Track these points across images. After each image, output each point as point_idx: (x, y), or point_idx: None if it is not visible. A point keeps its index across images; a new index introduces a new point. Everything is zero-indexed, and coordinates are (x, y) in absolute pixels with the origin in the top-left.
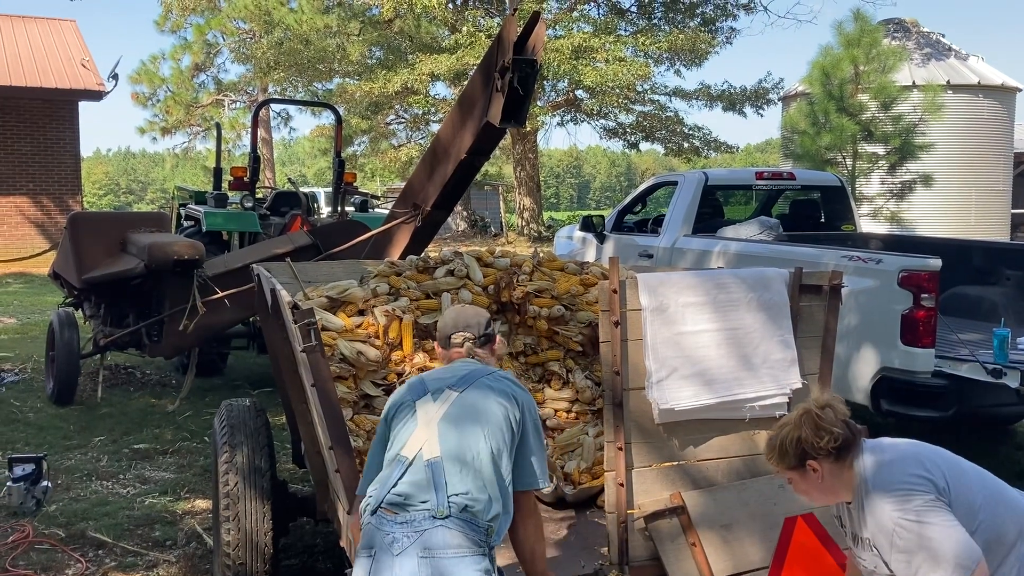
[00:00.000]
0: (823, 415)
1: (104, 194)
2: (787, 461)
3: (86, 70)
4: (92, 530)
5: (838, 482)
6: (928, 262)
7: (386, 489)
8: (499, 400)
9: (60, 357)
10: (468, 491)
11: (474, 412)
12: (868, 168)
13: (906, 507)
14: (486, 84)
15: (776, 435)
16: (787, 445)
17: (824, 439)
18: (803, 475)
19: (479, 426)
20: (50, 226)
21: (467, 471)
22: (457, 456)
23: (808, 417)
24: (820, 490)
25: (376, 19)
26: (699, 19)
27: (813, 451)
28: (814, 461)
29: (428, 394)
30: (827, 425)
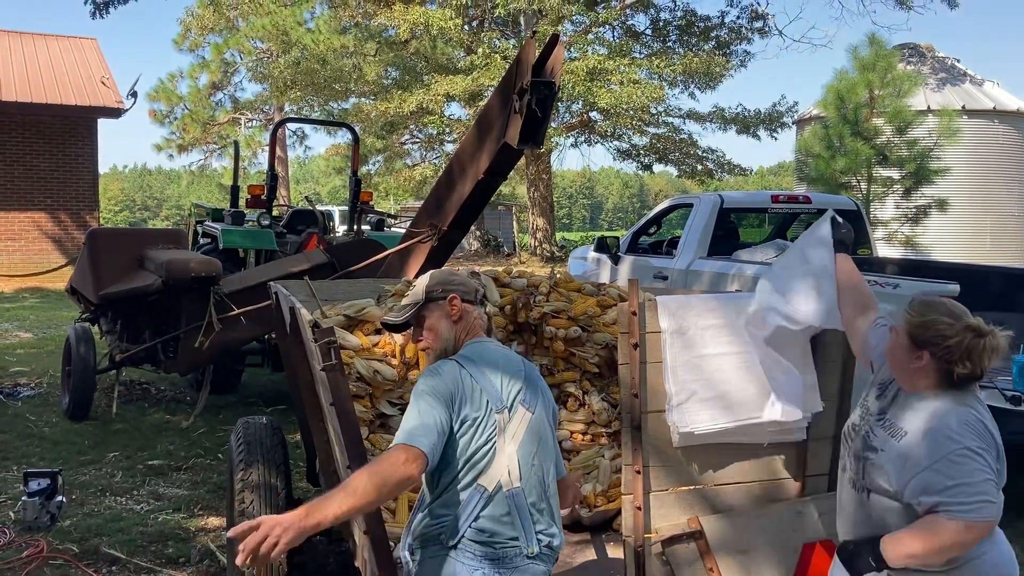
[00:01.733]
0: (992, 350)
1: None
2: (916, 331)
3: (105, 88)
4: (106, 546)
5: (920, 375)
6: (946, 287)
7: (464, 522)
8: (551, 410)
9: (76, 372)
10: (549, 526)
11: (545, 437)
12: (883, 192)
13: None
14: (504, 106)
15: (937, 310)
16: (936, 328)
17: (959, 365)
18: (908, 349)
19: (551, 454)
20: (67, 241)
21: (544, 504)
22: (537, 489)
23: (982, 338)
24: (899, 363)
25: (392, 40)
26: (714, 42)
27: (941, 356)
28: (931, 357)
29: (505, 409)
30: (986, 359)
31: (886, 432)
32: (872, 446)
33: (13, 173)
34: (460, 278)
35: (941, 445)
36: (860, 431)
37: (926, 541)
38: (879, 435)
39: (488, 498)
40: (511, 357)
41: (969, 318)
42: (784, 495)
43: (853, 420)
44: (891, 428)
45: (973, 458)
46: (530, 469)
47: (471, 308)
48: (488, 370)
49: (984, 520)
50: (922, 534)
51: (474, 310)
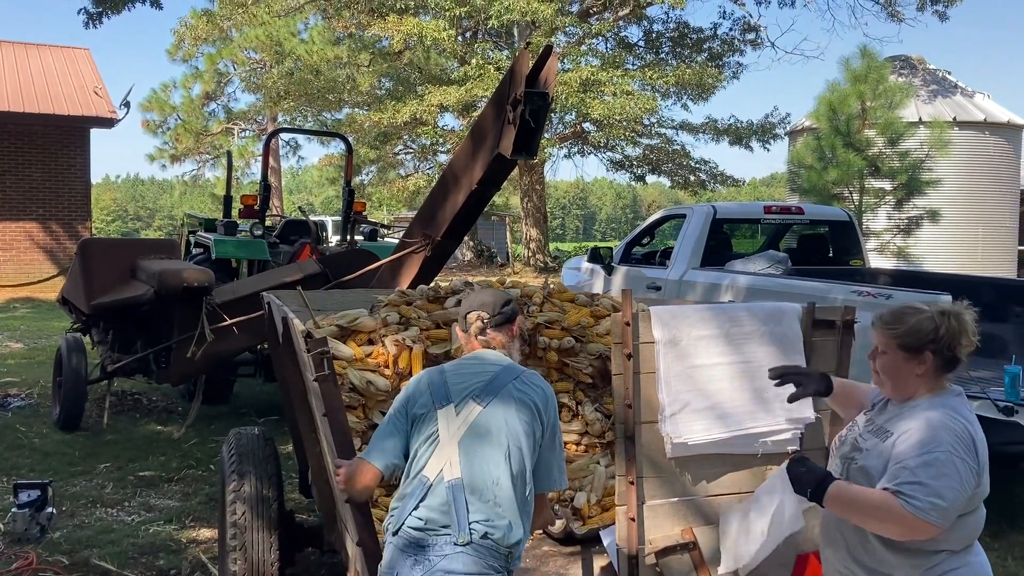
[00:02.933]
0: (970, 323)
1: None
2: (908, 339)
3: (98, 98)
4: (96, 558)
5: (923, 383)
6: (938, 298)
7: (407, 511)
8: (522, 414)
9: (67, 383)
10: (489, 518)
11: (498, 431)
12: (875, 203)
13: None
14: (498, 116)
15: (913, 312)
16: (924, 328)
17: (964, 342)
18: (907, 360)
19: (502, 448)
20: (59, 251)
21: (488, 496)
22: (479, 480)
23: (957, 317)
24: (900, 378)
25: (386, 51)
26: (706, 54)
27: (942, 347)
28: (931, 355)
29: (451, 404)
30: (971, 334)
31: (875, 436)
32: (859, 447)
33: (5, 183)
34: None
35: (923, 446)
36: (847, 439)
37: (866, 502)
38: (867, 439)
39: (429, 488)
40: (486, 365)
41: (936, 305)
42: None
43: (841, 433)
44: (880, 432)
45: (948, 465)
46: (472, 460)
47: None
48: (451, 372)
49: (924, 521)
50: (867, 496)
51: (476, 331)
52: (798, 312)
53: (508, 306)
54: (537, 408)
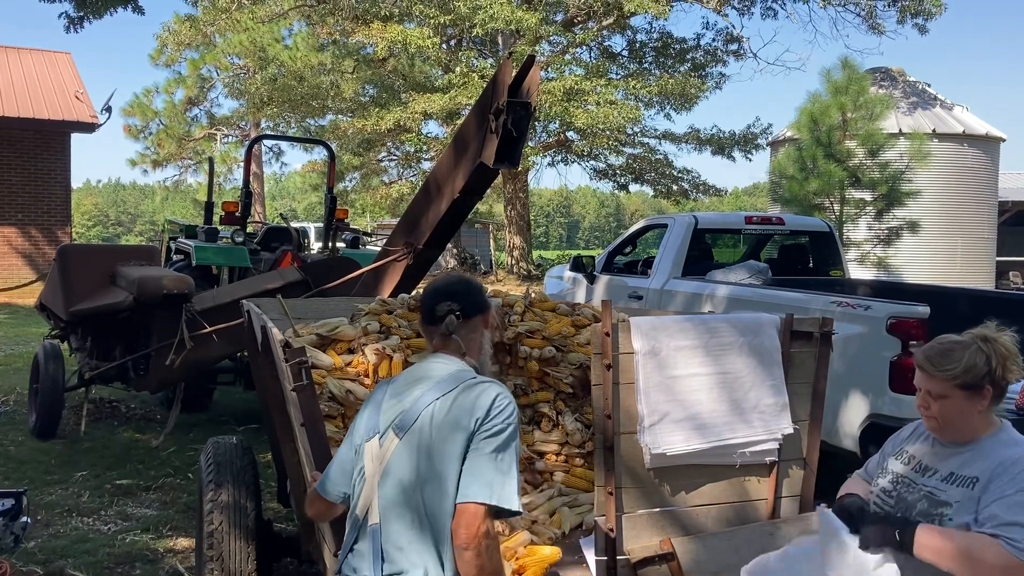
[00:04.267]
0: (1012, 345)
1: (92, 225)
2: (967, 377)
3: (79, 102)
4: (71, 568)
5: (982, 419)
6: (916, 309)
7: (344, 553)
8: (451, 437)
9: (44, 390)
10: (401, 570)
11: (412, 469)
12: (855, 214)
13: None
14: (480, 125)
15: (958, 349)
16: (978, 362)
17: (1012, 368)
18: (969, 398)
19: (416, 487)
20: (38, 257)
21: (402, 542)
22: (394, 525)
23: (1001, 342)
24: (965, 419)
25: (370, 57)
26: (689, 64)
27: (998, 377)
28: (991, 388)
29: (376, 436)
30: (1017, 357)
31: (955, 485)
32: (945, 502)
33: None
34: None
35: (1018, 480)
36: (918, 496)
37: (961, 545)
38: (948, 490)
39: (359, 529)
40: (421, 379)
41: (971, 332)
42: (756, 516)
43: (885, 488)
44: (959, 479)
45: None
46: (387, 503)
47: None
48: (391, 390)
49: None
50: (963, 539)
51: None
52: (776, 323)
53: (481, 296)
54: (474, 424)
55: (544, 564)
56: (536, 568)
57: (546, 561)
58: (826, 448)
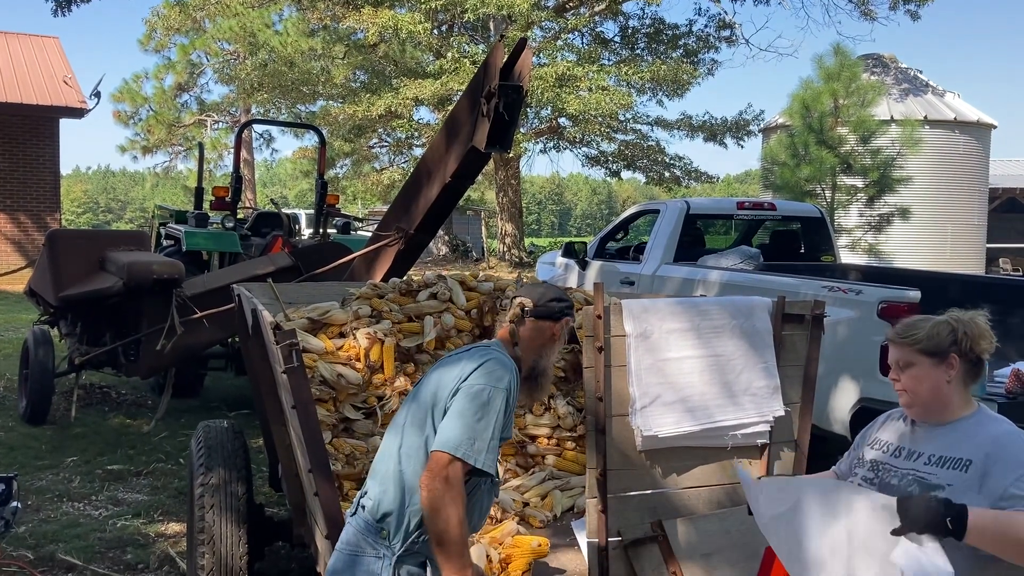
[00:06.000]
0: (985, 325)
1: (83, 212)
2: (930, 343)
3: (68, 87)
4: (62, 552)
5: (954, 392)
6: (907, 294)
7: None
8: (434, 392)
9: (34, 375)
10: (368, 490)
11: (407, 410)
12: (847, 200)
13: None
14: (472, 109)
15: (926, 319)
16: (942, 331)
17: (984, 344)
18: (934, 365)
19: (401, 424)
20: (27, 243)
21: (378, 470)
22: (380, 454)
23: (972, 318)
24: (933, 388)
25: (361, 43)
26: (681, 50)
27: (965, 349)
28: (957, 358)
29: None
30: (990, 336)
31: (945, 468)
32: (937, 485)
33: None
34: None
35: (1018, 462)
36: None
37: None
38: (938, 473)
39: None
40: (451, 355)
41: (949, 312)
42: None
43: (866, 476)
44: (949, 462)
45: None
46: (384, 439)
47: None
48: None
49: None
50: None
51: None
52: (768, 306)
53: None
54: (457, 381)
55: (530, 557)
56: (521, 560)
57: (532, 554)
58: (816, 432)
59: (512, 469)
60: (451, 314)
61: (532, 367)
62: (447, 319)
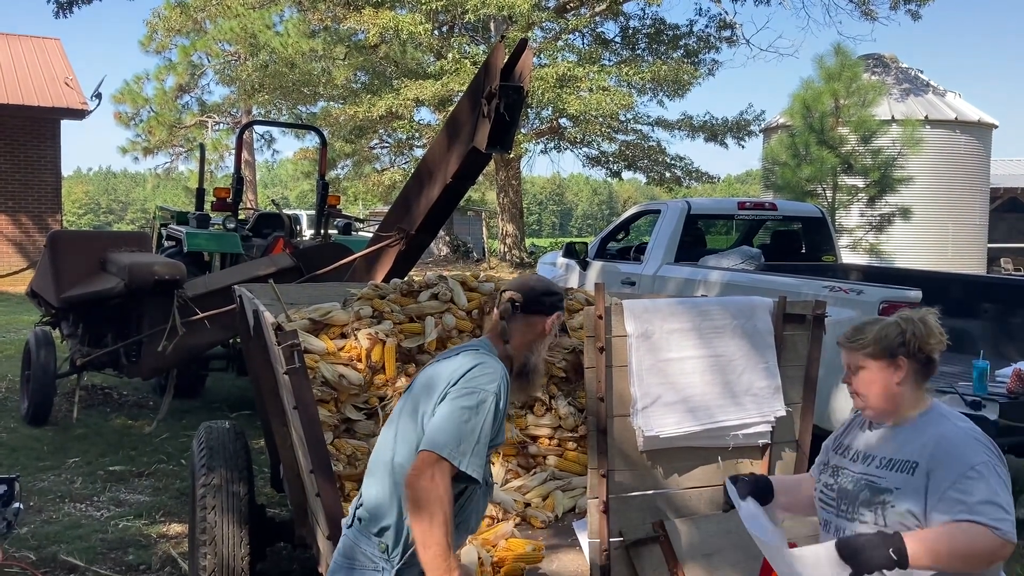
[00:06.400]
0: (935, 324)
1: (84, 213)
2: (879, 346)
3: (69, 89)
4: (64, 553)
5: (906, 393)
6: (908, 294)
7: None
8: (423, 395)
9: (36, 377)
10: (363, 502)
11: (398, 413)
12: (848, 200)
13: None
14: (473, 110)
15: (874, 322)
16: (890, 332)
17: (933, 342)
18: (883, 368)
19: (395, 426)
20: (28, 244)
21: (372, 478)
22: (371, 463)
23: (921, 319)
24: (884, 391)
25: (362, 44)
26: (682, 51)
27: (914, 349)
28: (906, 359)
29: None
30: (939, 334)
31: (893, 471)
32: (886, 488)
33: None
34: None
35: (962, 464)
36: (857, 485)
37: (956, 543)
38: (887, 476)
39: None
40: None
41: (895, 313)
42: None
43: (827, 482)
44: (897, 464)
45: (993, 474)
46: (378, 443)
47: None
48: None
49: (1008, 541)
50: (952, 536)
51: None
52: (769, 306)
53: (550, 296)
54: (445, 385)
55: (522, 563)
56: (512, 566)
57: (525, 560)
58: (818, 432)
59: (514, 470)
60: (452, 315)
61: (524, 363)
62: (448, 320)
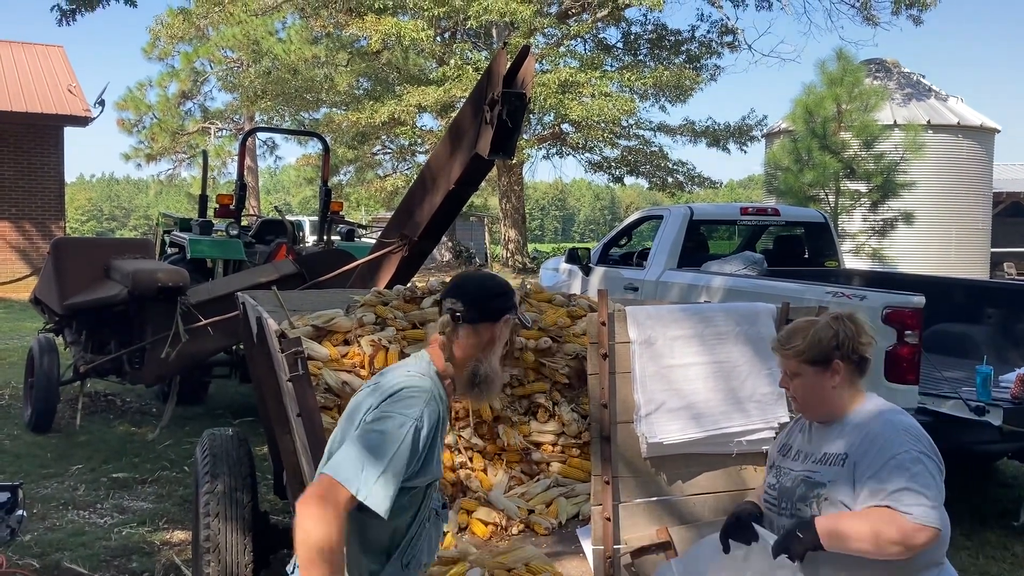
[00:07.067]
0: (863, 322)
1: (87, 220)
2: (812, 353)
3: (72, 96)
4: (68, 561)
5: (842, 393)
6: (912, 299)
7: None
8: (348, 419)
9: (39, 384)
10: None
11: (330, 440)
12: (850, 205)
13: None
14: (475, 116)
15: (806, 326)
16: (823, 336)
17: (865, 342)
18: (818, 373)
19: (325, 456)
20: (32, 251)
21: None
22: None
23: (850, 318)
24: (820, 395)
25: (364, 50)
26: (684, 56)
27: (848, 351)
28: (840, 362)
29: None
30: (868, 331)
31: (827, 465)
32: (819, 482)
33: None
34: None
35: (885, 453)
36: (784, 485)
37: (864, 526)
38: (820, 471)
39: None
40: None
41: (824, 314)
42: None
43: (770, 482)
44: (830, 458)
45: (916, 463)
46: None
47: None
48: None
49: (926, 527)
50: (862, 519)
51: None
52: (772, 312)
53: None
54: (366, 408)
55: None
56: None
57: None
58: None
59: (517, 476)
60: None
61: (473, 373)
62: None
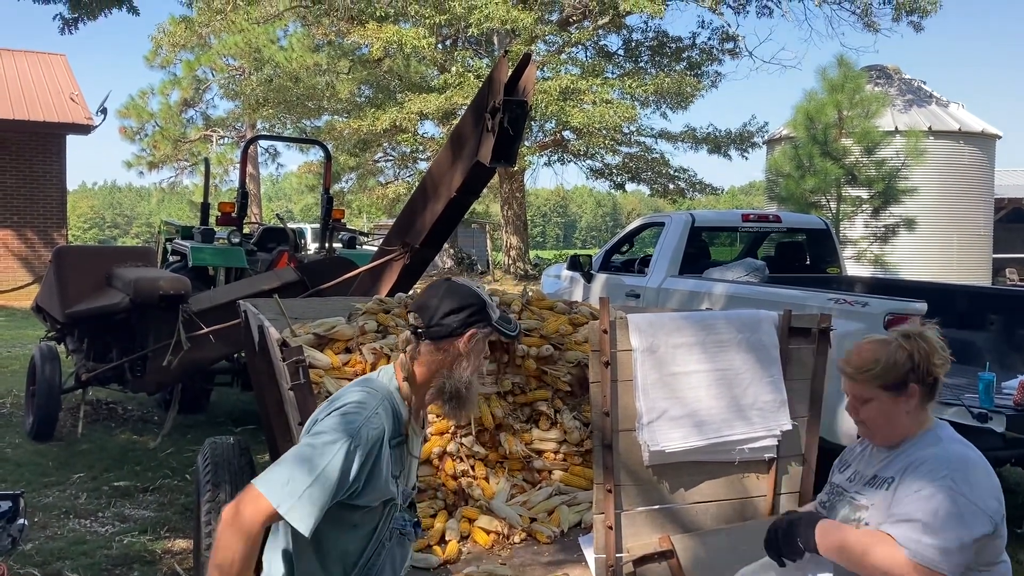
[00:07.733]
0: (936, 340)
1: (89, 227)
2: (888, 378)
3: (74, 104)
4: (69, 570)
5: (911, 419)
6: (914, 305)
7: None
8: (307, 428)
9: (40, 392)
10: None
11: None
12: (852, 211)
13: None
14: (476, 124)
15: (878, 348)
16: (898, 359)
17: (938, 363)
18: (893, 398)
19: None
20: (34, 259)
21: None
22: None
23: (922, 336)
24: (893, 420)
25: (365, 58)
26: (685, 63)
27: (923, 374)
28: (916, 385)
29: None
30: (941, 350)
31: (874, 488)
32: (862, 505)
33: None
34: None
35: (922, 476)
36: (834, 506)
37: (858, 541)
38: (867, 493)
39: None
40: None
41: (895, 330)
42: (755, 513)
43: (821, 499)
44: (876, 481)
45: (944, 499)
46: None
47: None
48: None
49: (925, 564)
50: (855, 536)
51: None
52: (774, 320)
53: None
54: (312, 423)
55: None
56: None
57: None
58: (825, 445)
59: (519, 484)
60: None
61: (441, 389)
62: None
